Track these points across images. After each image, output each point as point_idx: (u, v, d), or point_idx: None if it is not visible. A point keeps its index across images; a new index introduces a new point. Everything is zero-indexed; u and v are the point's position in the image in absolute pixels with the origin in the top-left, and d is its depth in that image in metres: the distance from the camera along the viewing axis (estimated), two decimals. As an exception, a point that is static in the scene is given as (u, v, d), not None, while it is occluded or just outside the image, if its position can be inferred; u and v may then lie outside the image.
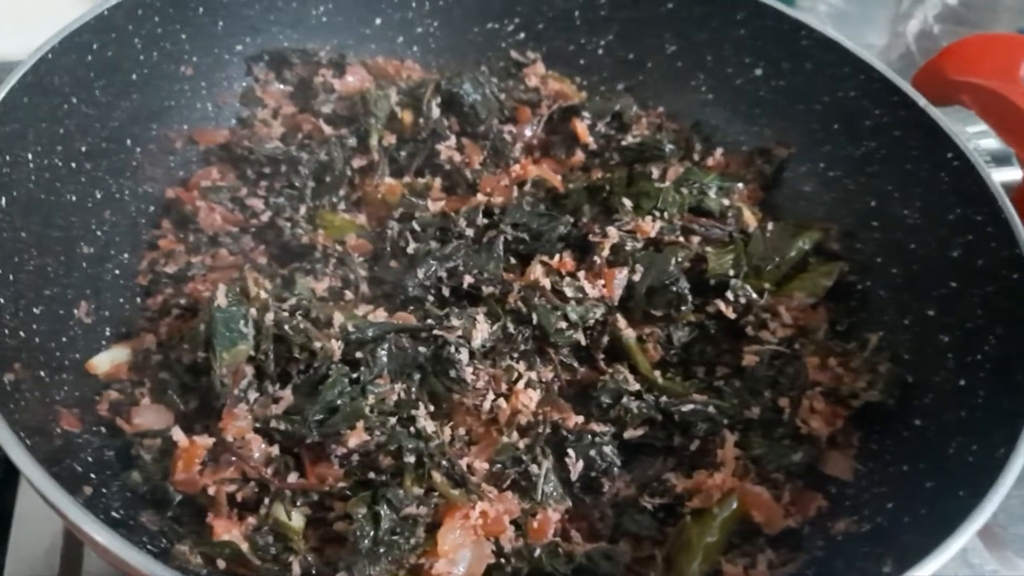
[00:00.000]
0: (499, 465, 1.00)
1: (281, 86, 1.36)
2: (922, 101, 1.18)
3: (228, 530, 0.91)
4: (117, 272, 1.14)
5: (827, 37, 1.28)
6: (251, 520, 0.93)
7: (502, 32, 1.46)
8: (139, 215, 1.20)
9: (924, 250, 1.15)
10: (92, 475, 0.89)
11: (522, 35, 1.46)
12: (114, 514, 0.86)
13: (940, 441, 0.98)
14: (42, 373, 0.94)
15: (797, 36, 1.30)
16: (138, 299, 1.15)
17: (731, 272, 1.17)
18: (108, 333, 1.08)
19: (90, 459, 0.92)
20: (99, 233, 1.13)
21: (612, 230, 1.17)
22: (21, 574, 1.01)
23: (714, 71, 1.40)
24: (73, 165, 1.11)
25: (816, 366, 1.12)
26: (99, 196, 1.14)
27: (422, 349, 1.05)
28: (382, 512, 0.92)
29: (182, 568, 0.86)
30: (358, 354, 1.02)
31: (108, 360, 1.03)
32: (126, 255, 1.16)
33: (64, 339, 1.02)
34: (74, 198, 1.10)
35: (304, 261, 1.18)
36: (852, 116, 1.26)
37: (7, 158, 1.00)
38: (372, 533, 0.91)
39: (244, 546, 0.91)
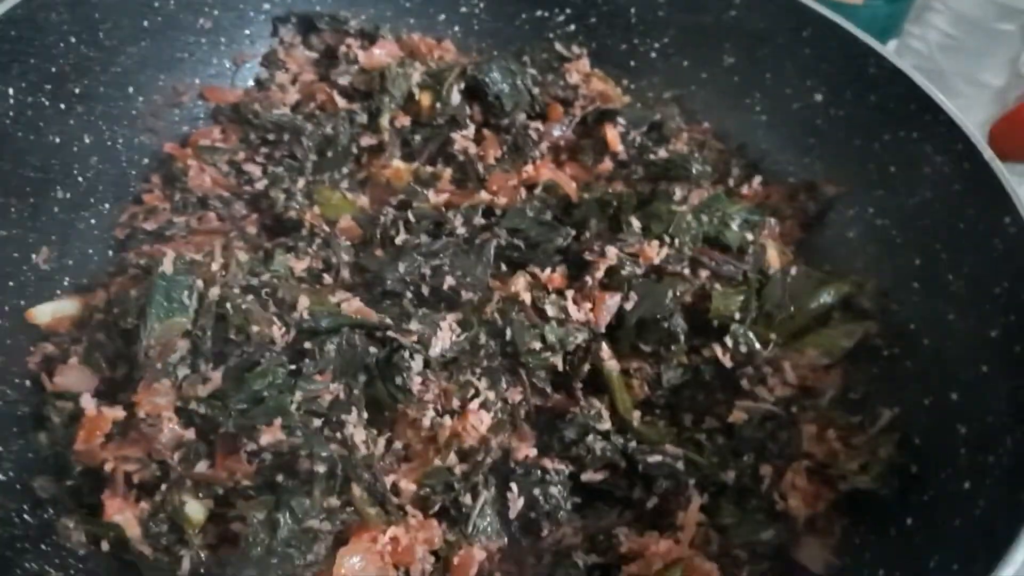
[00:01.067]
0: (427, 489, 0.92)
1: (306, 51, 1.30)
2: (988, 153, 1.03)
3: (121, 511, 0.86)
4: (93, 221, 1.11)
5: (896, 68, 1.13)
6: (146, 505, 0.87)
7: (551, 22, 1.37)
8: (130, 166, 1.16)
9: (962, 324, 1.01)
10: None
11: (572, 27, 1.37)
12: (0, 475, 0.82)
13: (924, 549, 0.84)
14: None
15: (865, 63, 1.16)
16: (109, 252, 1.11)
17: (737, 315, 1.06)
18: (66, 283, 1.05)
19: (-2, 412, 0.88)
20: (80, 179, 1.09)
21: (612, 250, 1.06)
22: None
23: (771, 91, 1.27)
24: (62, 106, 1.07)
25: (812, 436, 0.99)
26: (88, 141, 1.11)
27: (373, 350, 0.97)
28: (282, 520, 0.85)
29: (56, 545, 0.82)
30: (307, 344, 0.95)
31: (51, 311, 0.99)
32: (107, 205, 1.13)
33: (11, 283, 0.98)
34: (57, 140, 1.07)
35: (289, 237, 1.12)
36: (911, 160, 1.11)
37: (-17, 90, 0.98)
38: (267, 541, 0.85)
39: (135, 531, 0.86)
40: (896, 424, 0.99)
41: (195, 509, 0.87)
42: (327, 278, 1.09)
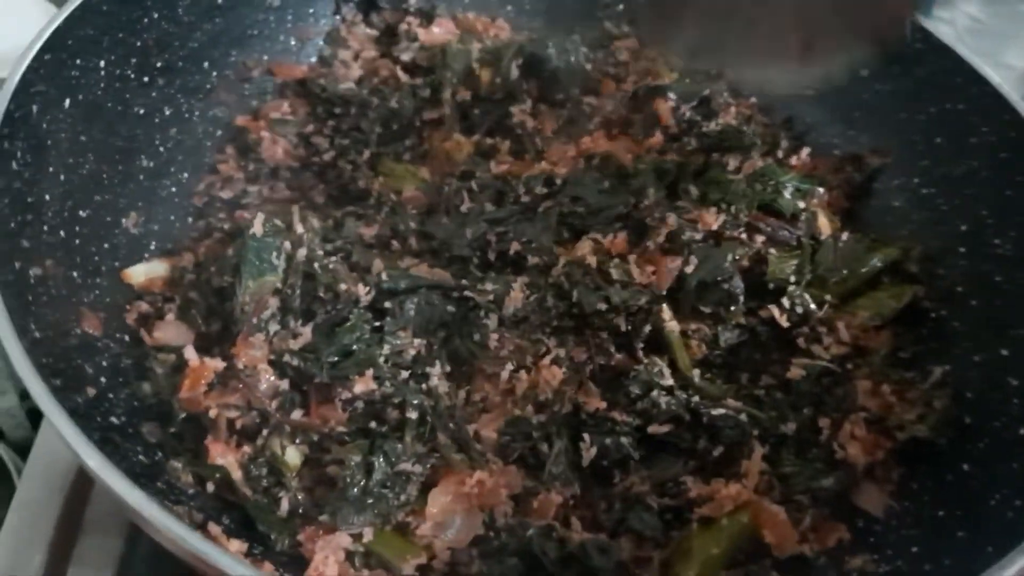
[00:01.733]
0: (507, 437, 0.97)
1: (367, 29, 1.35)
2: (1036, 123, 1.07)
3: (224, 455, 0.91)
4: (174, 190, 1.16)
5: (943, 43, 1.18)
6: (247, 449, 0.92)
7: (601, 1, 1.41)
8: (205, 137, 1.21)
9: (1010, 285, 1.05)
10: (102, 379, 0.90)
11: (621, 7, 1.41)
12: (113, 419, 0.87)
13: (984, 491, 0.89)
14: (75, 274, 0.96)
15: (912, 38, 1.20)
16: (189, 219, 1.16)
17: (792, 278, 1.10)
18: (153, 247, 1.10)
19: (104, 364, 0.93)
20: (161, 149, 1.15)
21: (672, 216, 1.11)
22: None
23: (818, 65, 1.31)
24: (146, 79, 1.12)
25: (867, 391, 1.04)
26: (168, 113, 1.16)
27: (451, 308, 1.02)
28: (376, 463, 0.91)
29: (171, 483, 0.87)
30: (387, 303, 1.00)
31: (144, 272, 1.04)
32: (185, 174, 1.18)
33: (106, 245, 1.03)
34: (142, 111, 1.12)
35: (358, 205, 1.18)
36: (957, 131, 1.16)
37: (78, 61, 1.02)
38: (363, 482, 0.90)
39: (237, 474, 0.91)
40: (948, 379, 1.04)
41: (292, 454, 0.93)
42: (395, 244, 1.14)
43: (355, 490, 0.89)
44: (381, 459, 0.90)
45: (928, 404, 1.01)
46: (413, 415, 0.92)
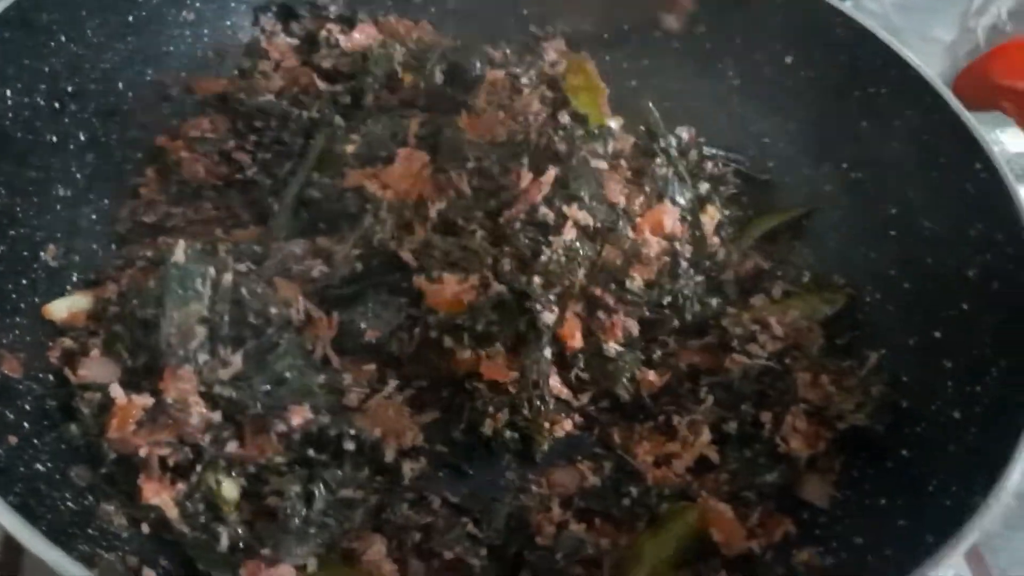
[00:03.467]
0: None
1: (287, 39, 1.32)
2: (956, 105, 1.08)
3: (158, 494, 0.89)
4: (94, 217, 1.12)
5: (863, 28, 1.19)
6: (182, 486, 0.90)
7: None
8: (125, 161, 1.17)
9: (940, 267, 1.06)
10: (25, 424, 0.87)
11: (545, 4, 1.39)
12: (38, 466, 0.84)
13: (922, 477, 0.91)
14: (-15, 312, 0.93)
15: (832, 23, 1.21)
16: (112, 246, 1.12)
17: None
18: (75, 279, 1.06)
19: (27, 407, 0.89)
20: (79, 176, 1.10)
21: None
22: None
23: (743, 56, 1.31)
24: (57, 105, 1.08)
25: (807, 383, 1.05)
26: (83, 139, 1.11)
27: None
28: (317, 492, 0.89)
29: (101, 529, 0.84)
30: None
31: (66, 307, 1.00)
32: (106, 201, 1.13)
33: (24, 281, 0.99)
34: (55, 139, 1.07)
35: (287, 222, 1.15)
36: (882, 115, 1.17)
37: (-18, 93, 0.98)
38: (304, 512, 0.89)
39: (173, 512, 0.88)
40: (884, 364, 1.05)
41: (229, 488, 0.90)
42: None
43: (296, 520, 0.88)
44: (321, 487, 0.89)
45: (866, 392, 1.02)
46: (350, 446, 0.91)
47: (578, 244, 1.05)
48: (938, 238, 1.08)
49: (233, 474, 0.91)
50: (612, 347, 1.06)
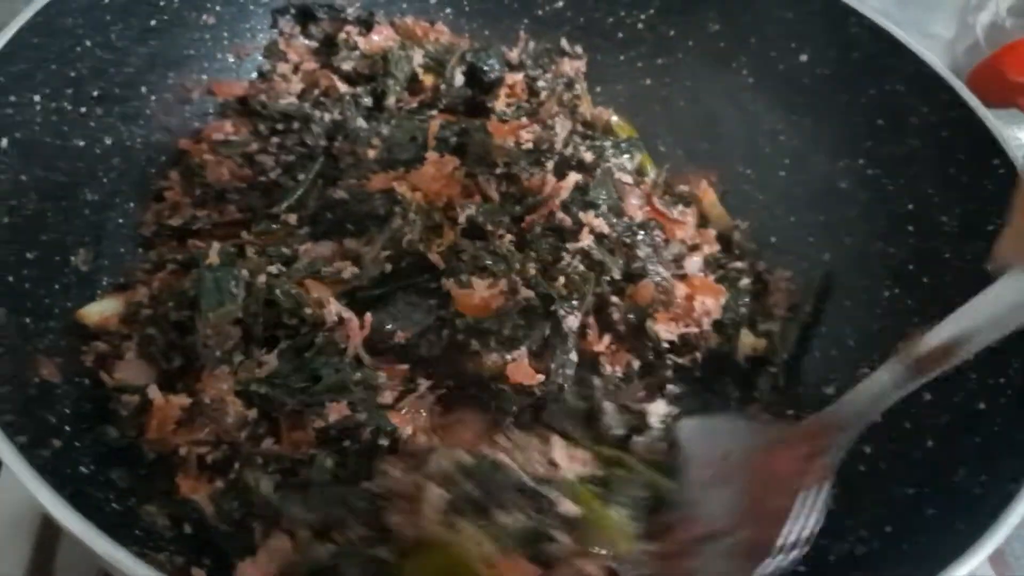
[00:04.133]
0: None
1: (305, 41, 1.33)
2: (973, 102, 1.10)
3: (195, 490, 0.90)
4: (120, 221, 1.13)
5: (878, 26, 1.20)
6: (219, 484, 0.91)
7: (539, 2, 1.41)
8: (149, 164, 1.18)
9: (959, 261, 1.08)
10: (66, 427, 0.88)
11: (560, 3, 1.41)
12: (83, 468, 0.85)
13: (949, 466, 0.92)
14: (27, 320, 0.93)
15: (846, 22, 1.23)
16: (140, 250, 1.13)
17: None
18: (105, 283, 1.07)
19: (66, 411, 0.90)
20: (105, 180, 1.11)
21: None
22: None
23: (756, 54, 1.33)
24: (83, 110, 1.09)
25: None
26: (108, 143, 1.12)
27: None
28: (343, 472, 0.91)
29: (148, 528, 0.85)
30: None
31: (99, 311, 1.01)
32: (131, 204, 1.14)
33: (56, 287, 1.00)
34: (82, 143, 1.08)
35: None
36: (898, 112, 1.18)
37: (12, 99, 0.99)
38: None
39: (209, 509, 0.89)
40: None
41: (266, 485, 0.91)
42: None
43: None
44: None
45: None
46: (384, 442, 0.92)
47: (596, 251, 1.07)
48: (956, 234, 1.09)
49: (270, 470, 0.92)
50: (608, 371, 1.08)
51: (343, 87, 1.27)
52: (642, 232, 1.10)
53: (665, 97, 1.39)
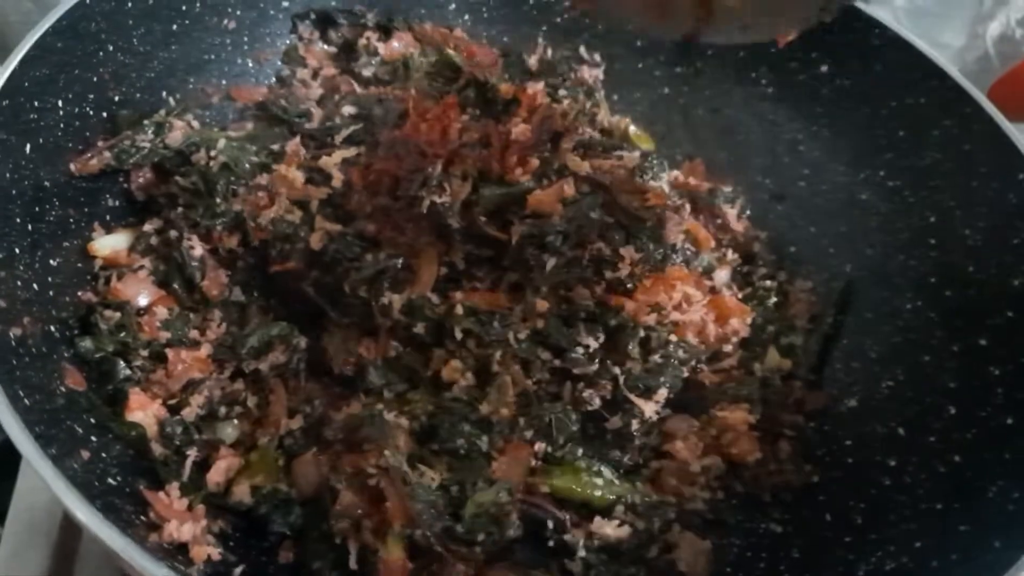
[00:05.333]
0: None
1: (325, 46, 1.32)
2: (996, 115, 1.10)
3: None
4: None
5: (901, 38, 1.21)
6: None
7: (558, 6, 1.40)
8: (170, 169, 1.17)
9: (982, 274, 1.08)
10: (93, 438, 0.87)
11: (578, 11, 1.40)
12: (110, 480, 0.84)
13: (979, 483, 0.92)
14: (52, 328, 0.92)
15: (869, 34, 1.23)
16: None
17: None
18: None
19: (93, 420, 0.89)
20: (126, 185, 1.10)
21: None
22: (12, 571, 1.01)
23: (776, 64, 1.32)
24: (104, 115, 1.08)
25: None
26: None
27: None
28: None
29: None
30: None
31: (110, 245, 1.04)
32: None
33: (81, 293, 0.99)
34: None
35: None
36: (920, 124, 1.18)
37: (36, 104, 0.98)
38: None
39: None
40: (927, 369, 1.07)
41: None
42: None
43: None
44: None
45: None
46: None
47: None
48: (979, 247, 1.10)
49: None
50: None
51: (362, 91, 1.26)
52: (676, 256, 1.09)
53: (684, 106, 1.39)
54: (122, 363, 0.94)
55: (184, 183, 1.07)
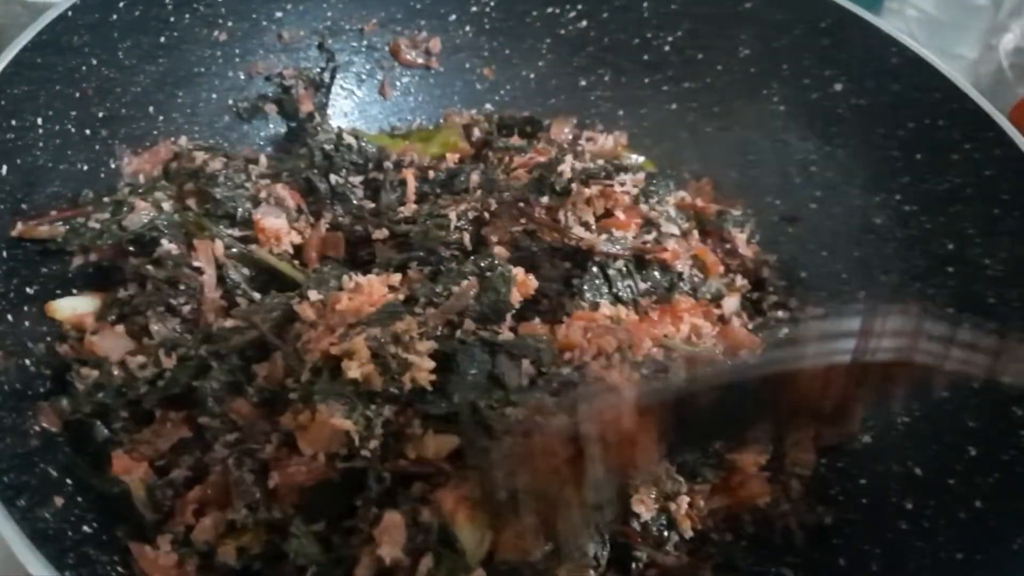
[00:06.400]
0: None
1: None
2: (1020, 139, 1.06)
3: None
4: (128, 249, 1.07)
5: (920, 57, 1.16)
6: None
7: (563, 18, 1.36)
8: (157, 189, 1.12)
9: (1004, 307, 1.03)
10: (68, 481, 0.82)
11: (584, 23, 1.36)
12: (85, 527, 0.80)
13: (1003, 532, 0.87)
14: (28, 362, 0.88)
15: (886, 53, 1.18)
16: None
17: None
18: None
19: (68, 462, 0.85)
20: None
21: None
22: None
23: (789, 81, 1.28)
24: (87, 132, 1.04)
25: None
26: (113, 167, 1.07)
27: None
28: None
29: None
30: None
31: (71, 307, 0.97)
32: (138, 232, 1.08)
33: (55, 323, 0.95)
34: (85, 167, 1.03)
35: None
36: (939, 147, 1.14)
37: (12, 123, 0.94)
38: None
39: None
40: (947, 407, 1.02)
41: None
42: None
43: None
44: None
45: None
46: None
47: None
48: (1001, 278, 1.05)
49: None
50: None
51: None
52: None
53: (692, 123, 1.34)
54: (101, 424, 0.88)
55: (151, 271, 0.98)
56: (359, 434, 0.78)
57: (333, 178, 1.11)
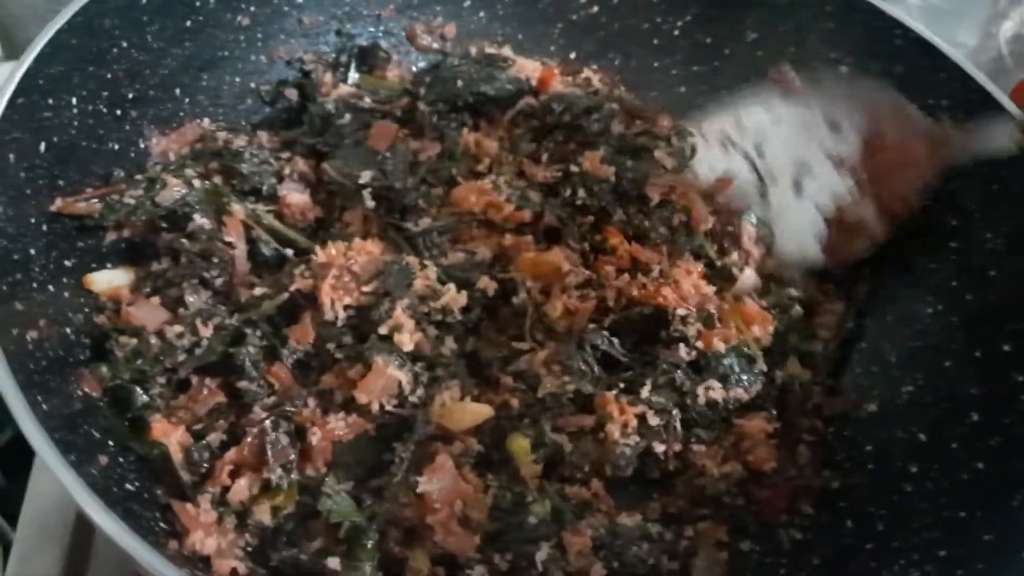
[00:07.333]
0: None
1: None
2: (1021, 117, 1.09)
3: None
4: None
5: (924, 39, 1.19)
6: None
7: (574, 4, 1.39)
8: (184, 168, 1.15)
9: (1004, 279, 1.07)
10: (110, 443, 0.86)
11: (595, 8, 1.39)
12: (128, 486, 0.83)
13: (1003, 491, 0.91)
14: (68, 330, 0.91)
15: (891, 35, 1.21)
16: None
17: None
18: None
19: (109, 425, 0.88)
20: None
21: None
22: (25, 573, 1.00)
23: (795, 64, 1.30)
24: (118, 112, 1.07)
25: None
26: (143, 146, 1.10)
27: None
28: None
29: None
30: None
31: (107, 280, 1.00)
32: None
33: (92, 295, 0.98)
34: (116, 147, 1.07)
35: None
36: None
37: (50, 102, 0.97)
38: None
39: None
40: (950, 374, 1.06)
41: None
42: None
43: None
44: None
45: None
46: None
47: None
48: (1002, 251, 1.08)
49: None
50: None
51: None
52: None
53: (701, 106, 1.37)
54: (140, 390, 0.91)
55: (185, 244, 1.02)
56: (409, 384, 0.84)
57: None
